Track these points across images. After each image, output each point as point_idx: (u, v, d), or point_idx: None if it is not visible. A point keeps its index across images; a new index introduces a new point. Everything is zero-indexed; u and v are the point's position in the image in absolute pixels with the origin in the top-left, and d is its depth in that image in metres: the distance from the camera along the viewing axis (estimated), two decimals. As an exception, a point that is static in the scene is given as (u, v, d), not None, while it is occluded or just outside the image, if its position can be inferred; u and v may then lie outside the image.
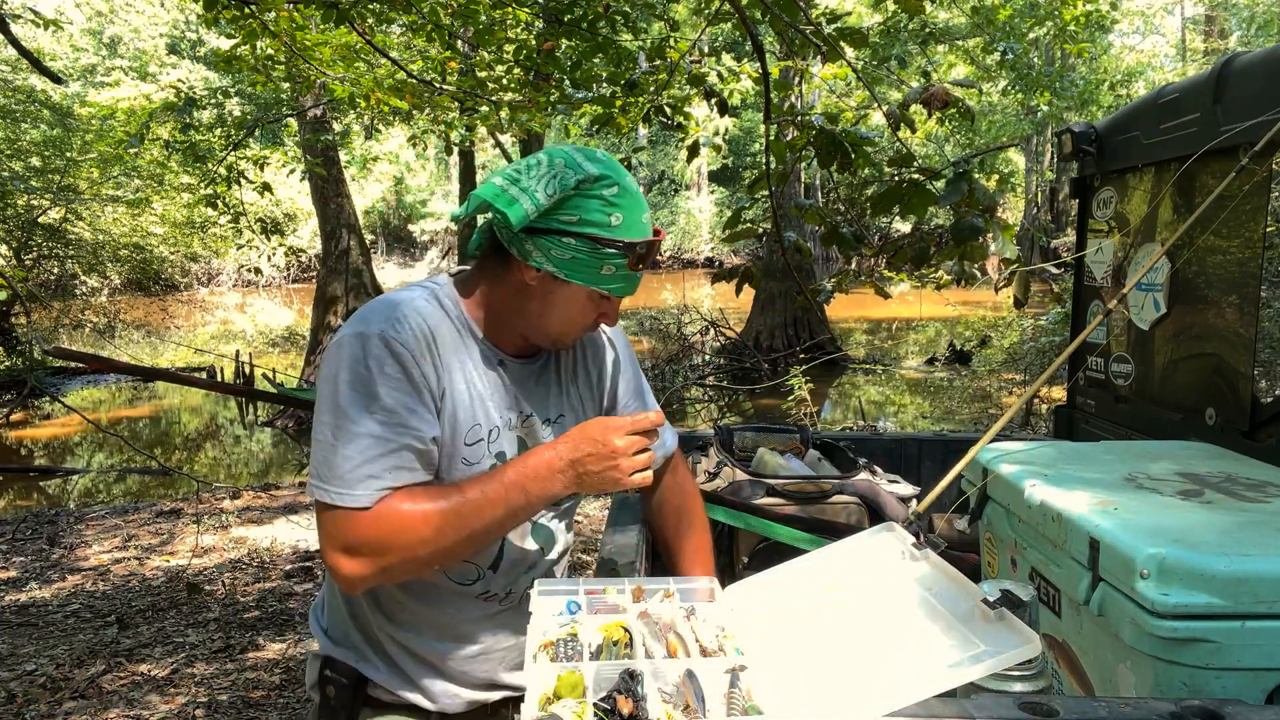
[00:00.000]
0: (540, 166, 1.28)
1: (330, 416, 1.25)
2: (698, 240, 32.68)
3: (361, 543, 1.23)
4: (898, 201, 2.86)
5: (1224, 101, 2.04)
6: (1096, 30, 14.36)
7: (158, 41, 31.35)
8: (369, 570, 1.24)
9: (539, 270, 1.30)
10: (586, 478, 1.25)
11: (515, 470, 1.27)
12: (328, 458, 1.24)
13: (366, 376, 1.24)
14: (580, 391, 1.54)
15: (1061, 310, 9.44)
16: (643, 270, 1.34)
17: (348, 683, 1.42)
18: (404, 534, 1.23)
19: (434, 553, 1.25)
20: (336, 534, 1.23)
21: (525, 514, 1.29)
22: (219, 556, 5.63)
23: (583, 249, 1.28)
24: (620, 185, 1.29)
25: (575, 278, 1.30)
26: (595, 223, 1.27)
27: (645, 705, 1.00)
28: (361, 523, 1.22)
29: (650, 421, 1.27)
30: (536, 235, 1.28)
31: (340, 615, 1.46)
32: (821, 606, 1.28)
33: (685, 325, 14.08)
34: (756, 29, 3.52)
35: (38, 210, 13.73)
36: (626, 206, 1.29)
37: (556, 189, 1.25)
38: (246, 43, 5.77)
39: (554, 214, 1.27)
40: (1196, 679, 1.19)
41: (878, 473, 2.53)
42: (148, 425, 11.42)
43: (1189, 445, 1.89)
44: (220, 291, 28.92)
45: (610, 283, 1.32)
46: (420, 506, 1.24)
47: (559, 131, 6.63)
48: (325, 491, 1.23)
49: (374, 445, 1.23)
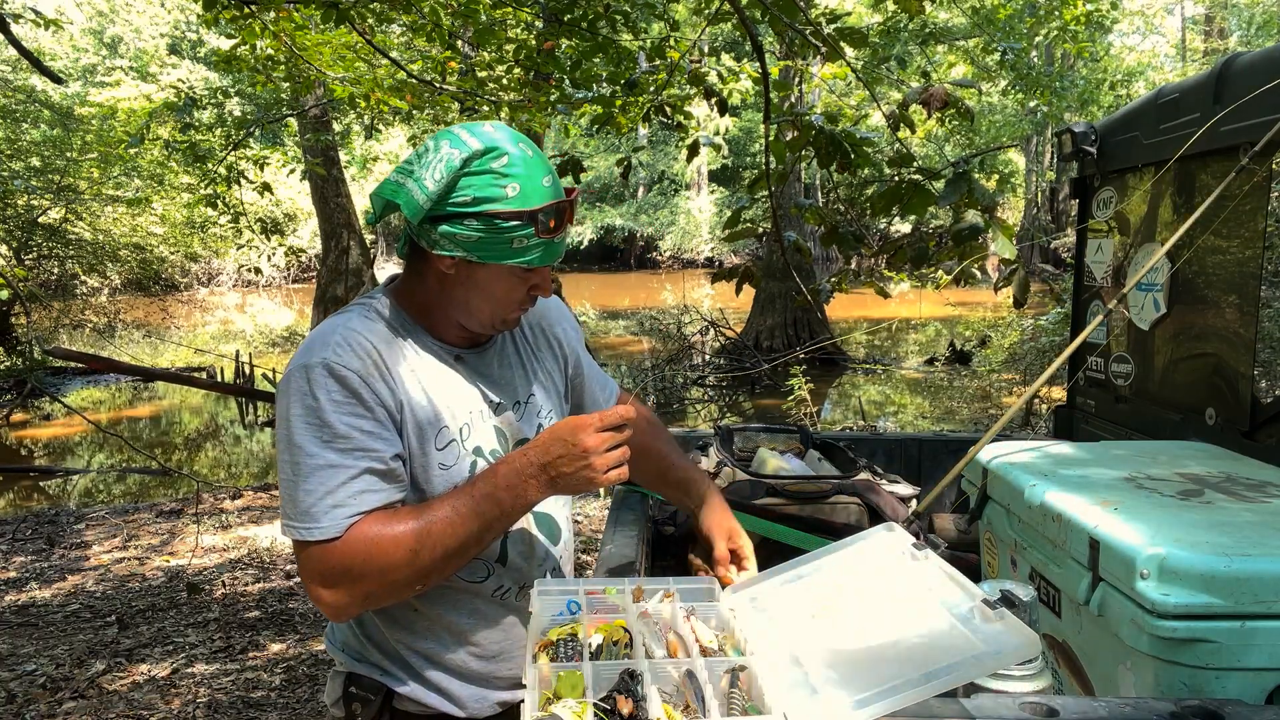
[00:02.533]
0: (428, 153, 1.25)
1: (289, 454, 1.24)
2: (698, 240, 32.68)
3: (337, 572, 1.21)
4: (897, 201, 2.86)
5: (1224, 101, 2.04)
6: (1097, 30, 14.35)
7: (159, 42, 31.36)
8: (349, 599, 1.23)
9: (452, 258, 1.28)
10: (560, 480, 1.23)
11: (486, 482, 1.25)
12: (292, 494, 1.23)
13: (316, 407, 1.23)
14: (547, 365, 1.53)
15: (1061, 311, 9.45)
16: (562, 235, 1.30)
17: (375, 698, 1.39)
18: (377, 559, 1.21)
19: (412, 574, 1.23)
20: (312, 567, 1.23)
21: (502, 524, 1.28)
22: (219, 556, 5.63)
23: (484, 228, 1.24)
24: (509, 154, 1.24)
25: (488, 258, 1.27)
26: (490, 198, 1.23)
27: (645, 705, 1.00)
28: (333, 553, 1.21)
29: (620, 415, 1.23)
30: (438, 223, 1.25)
31: (355, 634, 1.43)
32: (821, 606, 1.28)
33: (685, 325, 14.09)
34: (756, 29, 3.52)
35: (38, 210, 13.73)
36: (521, 175, 1.24)
37: (444, 173, 1.23)
38: (246, 43, 5.77)
39: (447, 198, 1.24)
40: (1196, 679, 1.19)
41: (878, 473, 2.53)
42: (148, 425, 11.42)
43: (1189, 445, 1.89)
44: (220, 291, 28.91)
45: (525, 255, 1.27)
46: (391, 529, 1.22)
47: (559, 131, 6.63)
48: (294, 529, 1.22)
49: (333, 474, 1.22)
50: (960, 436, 2.99)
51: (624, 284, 28.60)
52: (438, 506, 1.24)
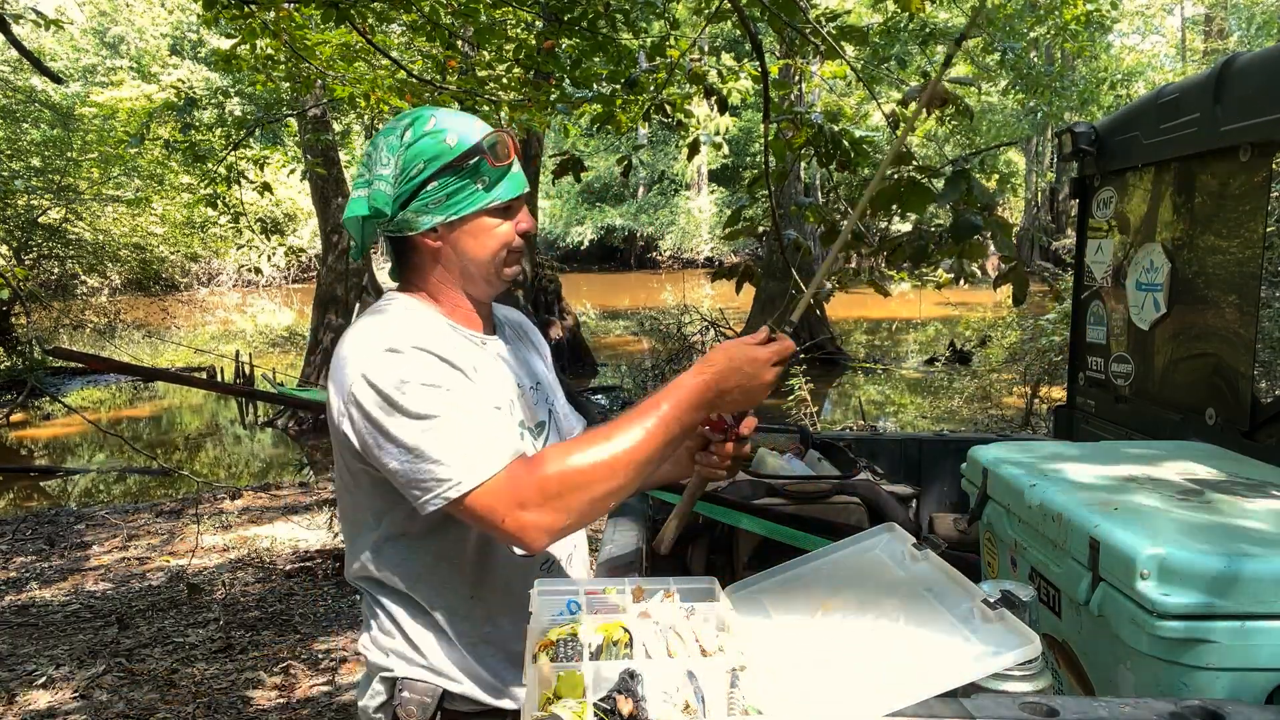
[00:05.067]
0: (372, 154, 1.36)
1: (411, 429, 1.22)
2: (698, 240, 32.67)
3: (539, 489, 1.21)
4: (896, 199, 2.86)
5: (1224, 101, 2.04)
6: (1097, 30, 14.34)
7: (160, 42, 31.37)
8: (553, 516, 1.21)
9: (434, 229, 1.35)
10: (729, 396, 1.28)
11: (670, 403, 1.27)
12: (445, 450, 1.21)
13: (422, 378, 1.24)
14: (543, 361, 1.62)
15: (1060, 312, 9.45)
16: (513, 162, 1.37)
17: (430, 700, 1.37)
18: (577, 468, 1.22)
19: (611, 484, 1.23)
20: (508, 495, 1.21)
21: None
22: (219, 556, 5.64)
23: (446, 181, 1.32)
24: (435, 115, 1.34)
25: (462, 209, 1.34)
26: (436, 155, 1.31)
27: (645, 705, 1.00)
28: (529, 469, 1.22)
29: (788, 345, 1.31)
30: (408, 204, 1.33)
31: (406, 637, 1.40)
32: (822, 607, 1.28)
33: (685, 325, 14.08)
34: (756, 28, 3.52)
35: (38, 210, 13.73)
36: (452, 125, 1.33)
37: (390, 156, 1.32)
38: (246, 42, 5.77)
39: (404, 177, 1.32)
40: (1196, 679, 1.19)
41: (878, 473, 2.53)
42: (148, 425, 11.42)
43: (1189, 445, 1.89)
44: (220, 291, 28.91)
45: (492, 191, 1.35)
46: (582, 441, 1.25)
47: (559, 131, 6.62)
48: (473, 472, 1.20)
49: (477, 415, 1.24)
50: (960, 436, 2.99)
51: (624, 284, 28.60)
52: (625, 424, 1.26)
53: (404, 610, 1.39)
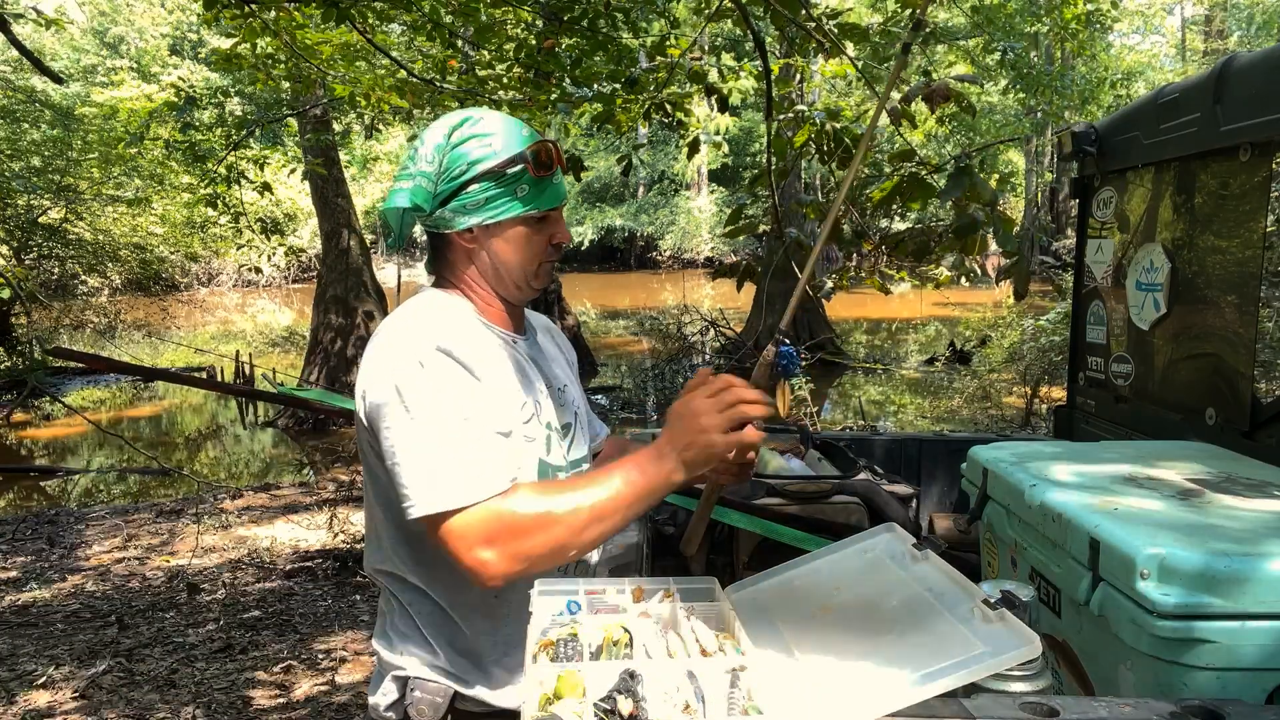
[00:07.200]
0: (416, 150, 1.37)
1: (413, 435, 1.24)
2: (698, 240, 32.66)
3: (503, 530, 1.21)
4: (898, 195, 2.86)
5: (1224, 101, 2.04)
6: (1097, 30, 14.34)
7: (160, 42, 31.37)
8: (509, 560, 1.21)
9: (470, 230, 1.37)
10: (686, 454, 1.23)
11: (637, 473, 1.25)
12: (430, 469, 1.22)
13: (436, 385, 1.25)
14: (567, 365, 1.62)
15: (1060, 312, 9.45)
16: (554, 175, 1.38)
17: (442, 701, 1.38)
18: (543, 517, 1.22)
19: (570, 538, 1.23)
20: (473, 531, 1.21)
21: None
22: (219, 556, 5.63)
23: (487, 186, 1.34)
24: (483, 118, 1.36)
25: (500, 214, 1.36)
26: (480, 159, 1.34)
27: (645, 705, 0.99)
28: (499, 510, 1.22)
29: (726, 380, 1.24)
30: (447, 202, 1.35)
31: (421, 636, 1.40)
32: (822, 606, 1.28)
33: (685, 325, 14.08)
34: (757, 25, 3.52)
35: (38, 210, 13.73)
36: (499, 130, 1.36)
37: (434, 155, 1.34)
38: (246, 41, 5.77)
39: (446, 176, 1.34)
40: (1196, 679, 1.19)
41: (878, 473, 2.53)
42: (148, 425, 11.42)
43: (1189, 445, 1.89)
44: (220, 291, 28.90)
45: (531, 201, 1.37)
46: (554, 490, 1.26)
47: (559, 130, 6.63)
48: (446, 496, 1.21)
49: (475, 442, 1.25)
50: (960, 436, 3.00)
51: (624, 284, 28.59)
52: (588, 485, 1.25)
53: (421, 607, 1.40)
